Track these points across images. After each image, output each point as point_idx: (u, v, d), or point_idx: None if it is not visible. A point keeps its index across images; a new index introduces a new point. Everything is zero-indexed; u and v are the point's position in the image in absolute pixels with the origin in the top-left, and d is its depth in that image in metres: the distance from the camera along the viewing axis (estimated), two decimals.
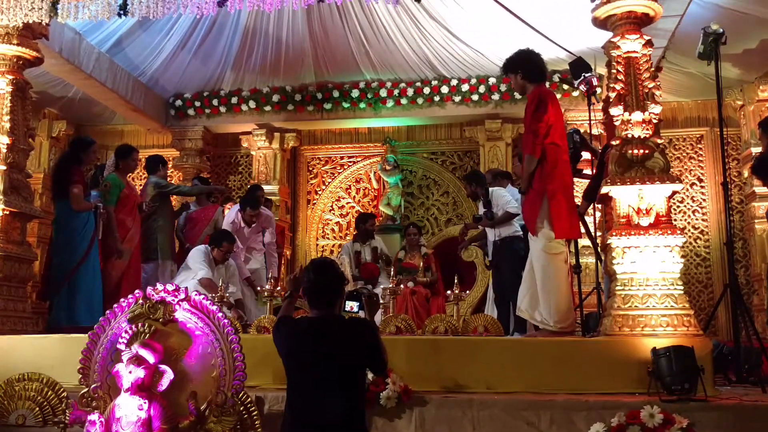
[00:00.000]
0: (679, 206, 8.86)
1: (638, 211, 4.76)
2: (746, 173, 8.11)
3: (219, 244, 6.61)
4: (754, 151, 7.82)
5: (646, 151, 4.83)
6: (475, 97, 8.70)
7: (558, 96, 7.06)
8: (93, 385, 3.68)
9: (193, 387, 3.61)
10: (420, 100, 8.84)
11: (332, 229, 9.79)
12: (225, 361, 3.63)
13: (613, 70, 5.01)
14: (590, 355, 4.33)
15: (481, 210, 6.23)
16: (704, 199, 8.88)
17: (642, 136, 4.85)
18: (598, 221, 6.23)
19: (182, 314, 3.73)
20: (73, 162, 6.17)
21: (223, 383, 3.61)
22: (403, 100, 8.87)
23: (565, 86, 8.27)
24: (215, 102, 9.22)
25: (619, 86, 4.94)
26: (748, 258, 8.41)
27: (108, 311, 3.81)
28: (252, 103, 9.13)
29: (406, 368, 4.19)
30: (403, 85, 8.85)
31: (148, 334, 3.68)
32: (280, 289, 6.10)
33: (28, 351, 4.69)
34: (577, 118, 8.34)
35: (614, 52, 5.01)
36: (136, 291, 3.84)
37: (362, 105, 8.96)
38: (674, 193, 4.84)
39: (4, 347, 4.79)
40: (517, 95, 8.38)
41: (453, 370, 4.33)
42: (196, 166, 9.51)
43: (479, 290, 7.52)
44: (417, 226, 8.12)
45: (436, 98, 8.80)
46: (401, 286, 6.24)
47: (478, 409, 3.94)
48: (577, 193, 8.00)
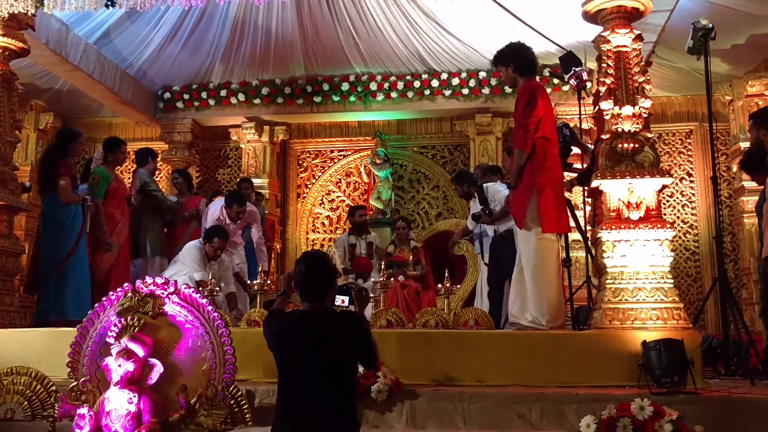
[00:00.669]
0: (668, 200, 8.91)
1: (628, 205, 4.79)
2: (735, 168, 8.17)
3: (210, 240, 6.58)
4: (743, 145, 7.87)
5: (636, 145, 4.85)
6: (466, 91, 8.71)
7: (548, 90, 7.08)
8: (82, 379, 3.67)
9: (183, 380, 3.61)
10: (410, 94, 8.83)
11: (322, 223, 9.78)
12: (215, 354, 3.64)
13: (604, 65, 5.03)
14: (581, 348, 4.34)
15: (477, 208, 6.23)
16: (693, 194, 8.94)
17: (632, 130, 4.88)
18: (588, 215, 6.25)
19: (172, 307, 3.73)
20: (61, 154, 6.13)
21: (214, 376, 3.61)
22: (394, 94, 8.86)
23: (556, 80, 8.29)
24: (204, 95, 9.18)
25: (609, 80, 4.96)
26: (737, 252, 8.48)
27: (97, 304, 3.80)
28: (241, 96, 9.10)
29: (397, 362, 4.20)
30: (393, 78, 8.84)
31: (137, 328, 3.68)
32: (270, 282, 6.09)
33: (16, 345, 4.66)
34: (568, 113, 8.36)
35: (604, 47, 5.03)
36: (125, 284, 3.83)
37: (352, 98, 8.94)
38: (664, 187, 4.87)
39: None
40: (508, 89, 8.39)
41: (444, 363, 4.34)
42: (185, 160, 9.46)
43: (469, 284, 7.53)
44: (406, 220, 8.12)
45: (427, 92, 8.80)
46: (392, 280, 6.25)
47: (469, 402, 3.95)
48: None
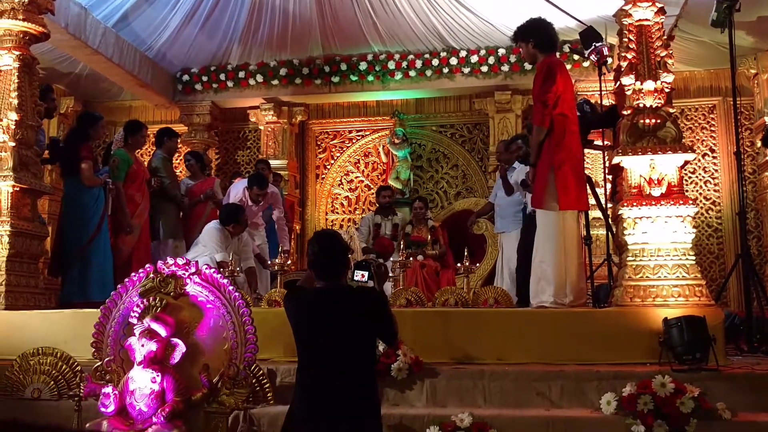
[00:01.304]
0: (690, 177, 8.80)
1: (650, 182, 4.73)
2: (759, 143, 8.03)
3: (235, 220, 6.60)
4: (767, 120, 7.74)
5: (658, 121, 4.78)
6: (485, 69, 8.63)
7: (568, 66, 7.00)
8: (106, 359, 3.72)
9: (206, 360, 3.65)
10: (428, 72, 8.78)
11: (341, 204, 9.80)
12: (236, 333, 3.66)
13: (625, 39, 4.95)
14: (601, 326, 4.33)
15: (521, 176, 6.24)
16: (716, 170, 8.81)
17: (654, 106, 4.81)
18: (609, 192, 6.20)
19: (193, 288, 3.76)
20: (82, 138, 6.17)
21: (235, 356, 3.64)
22: (412, 73, 8.81)
23: (576, 56, 8.18)
24: (222, 76, 9.19)
25: (630, 55, 4.89)
26: (761, 228, 8.36)
27: (119, 286, 3.84)
28: (259, 77, 9.10)
29: (417, 340, 4.21)
30: (411, 57, 8.79)
31: (159, 308, 3.71)
32: (290, 263, 6.12)
33: (42, 326, 4.74)
34: (588, 89, 8.26)
35: (626, 21, 4.95)
36: (147, 265, 3.86)
37: (370, 78, 8.91)
38: (686, 163, 4.81)
39: (17, 323, 4.84)
40: (527, 66, 8.30)
41: (463, 341, 4.34)
42: (205, 142, 9.51)
43: (489, 263, 7.53)
44: (423, 200, 8.10)
45: (445, 70, 8.74)
46: (411, 259, 6.25)
47: (489, 380, 3.96)
48: (589, 165, 8.02)
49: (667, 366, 3.93)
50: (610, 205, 5.86)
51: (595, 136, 6.20)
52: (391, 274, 5.98)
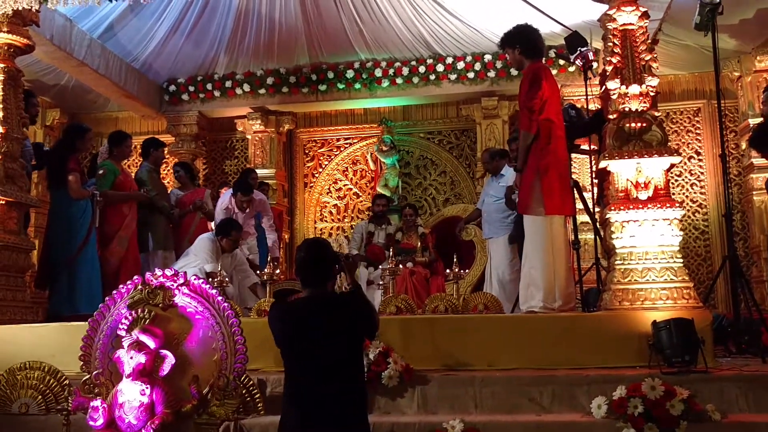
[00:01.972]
0: (677, 180, 8.85)
1: (636, 185, 4.75)
2: (744, 145, 8.10)
3: (227, 234, 6.58)
4: (752, 122, 7.79)
5: (644, 125, 4.81)
6: (471, 75, 8.65)
7: (554, 72, 7.05)
8: (95, 372, 3.69)
9: (195, 371, 3.62)
10: (415, 80, 8.79)
11: (330, 212, 9.78)
12: (226, 344, 3.64)
13: (609, 44, 4.98)
14: (590, 330, 4.34)
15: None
16: (702, 172, 8.87)
17: (639, 110, 4.83)
18: (596, 196, 6.23)
19: (182, 299, 3.74)
20: (69, 150, 6.14)
21: (225, 366, 3.62)
22: (399, 80, 8.82)
23: (561, 61, 8.22)
24: (209, 86, 9.17)
25: (615, 59, 4.92)
26: (747, 230, 8.42)
27: (107, 298, 3.81)
28: (246, 87, 9.08)
29: (407, 348, 4.22)
30: (398, 64, 8.79)
31: (148, 320, 3.69)
32: (279, 272, 6.10)
33: (29, 340, 4.70)
34: (574, 94, 8.30)
35: (610, 25, 4.98)
36: (135, 277, 3.84)
37: (357, 86, 8.91)
38: (672, 166, 4.83)
39: (4, 337, 4.79)
40: (513, 72, 8.33)
41: (454, 348, 4.35)
42: (192, 152, 9.47)
43: (478, 269, 7.53)
44: (413, 207, 8.09)
45: (432, 77, 8.76)
46: (400, 267, 6.25)
47: (480, 387, 3.96)
48: (576, 169, 8.05)
49: (656, 369, 3.94)
50: (597, 209, 5.88)
51: (582, 140, 6.23)
52: (380, 282, 5.97)
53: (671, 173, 5.36)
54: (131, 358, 3.58)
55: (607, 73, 4.97)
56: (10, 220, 5.48)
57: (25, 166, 5.79)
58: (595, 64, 6.74)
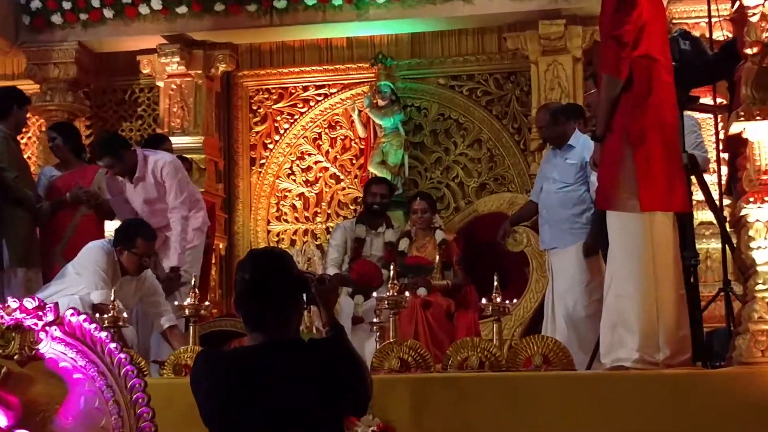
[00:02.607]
0: None
1: None
2: None
3: (130, 243, 6.49)
4: None
5: None
6: None
7: None
8: None
9: None
10: None
11: (293, 206, 9.80)
12: (122, 421, 3.62)
13: None
14: (716, 397, 4.36)
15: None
16: None
17: None
18: (725, 181, 6.22)
19: (52, 347, 3.71)
20: None
21: None
22: None
23: None
24: (96, 2, 9.14)
25: None
26: None
27: None
28: (156, 3, 9.06)
29: (419, 425, 4.22)
30: None
31: None
32: (209, 304, 6.08)
33: None
34: (689, 15, 8.26)
35: None
36: None
37: (337, 1, 8.93)
38: None
39: None
40: None
41: (495, 426, 4.35)
42: (68, 108, 9.40)
43: (534, 298, 7.52)
44: (428, 198, 8.04)
45: None
46: (407, 295, 6.23)
47: None
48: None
49: None
50: (726, 201, 5.87)
51: (701, 89, 6.22)
52: (375, 319, 5.95)
53: None
54: None
55: None
56: None
57: None
58: None
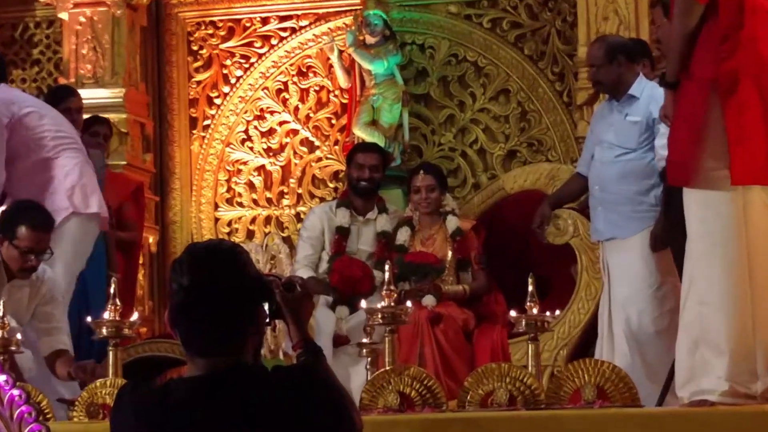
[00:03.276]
0: None
1: None
2: None
3: (11, 231, 6.50)
4: None
5: None
6: None
7: None
8: None
9: None
10: None
11: (249, 184, 9.86)
12: None
13: None
14: None
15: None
16: None
17: None
18: None
19: None
20: None
21: None
22: None
23: None
24: None
25: None
26: None
27: None
28: None
29: None
30: None
31: None
32: (138, 320, 6.07)
33: None
34: None
35: None
36: None
37: None
38: None
39: None
40: None
41: None
42: None
43: (584, 308, 7.52)
44: (436, 171, 8.12)
45: None
46: (408, 306, 6.22)
47: None
48: None
49: None
50: None
51: None
52: (365, 340, 5.93)
53: None
54: None
55: None
56: None
57: None
58: None
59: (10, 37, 10.09)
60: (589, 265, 7.57)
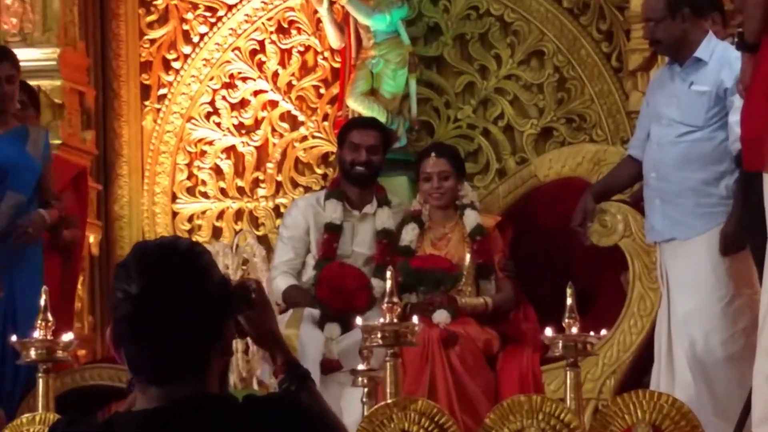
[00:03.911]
0: None
1: None
2: None
3: None
4: None
5: None
6: None
7: None
8: None
9: None
10: None
11: (216, 169, 9.88)
12: None
13: None
14: None
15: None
16: None
17: None
18: None
19: None
20: None
21: None
22: None
23: None
24: None
25: None
26: None
27: None
28: None
29: None
30: None
31: None
32: (72, 340, 6.11)
33: None
34: None
35: None
36: None
37: None
38: None
39: None
40: None
41: None
42: None
43: (636, 326, 7.55)
44: (451, 154, 8.17)
45: None
46: (415, 323, 6.26)
47: None
48: None
49: None
50: None
51: None
52: (362, 365, 5.98)
53: None
54: None
55: None
56: None
57: None
58: None
59: None
60: (643, 272, 7.60)
